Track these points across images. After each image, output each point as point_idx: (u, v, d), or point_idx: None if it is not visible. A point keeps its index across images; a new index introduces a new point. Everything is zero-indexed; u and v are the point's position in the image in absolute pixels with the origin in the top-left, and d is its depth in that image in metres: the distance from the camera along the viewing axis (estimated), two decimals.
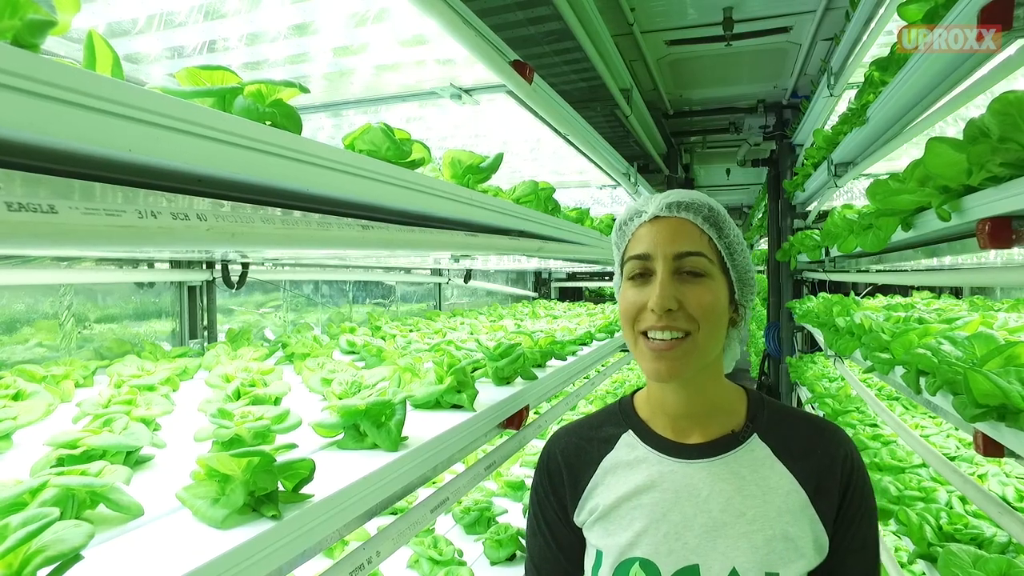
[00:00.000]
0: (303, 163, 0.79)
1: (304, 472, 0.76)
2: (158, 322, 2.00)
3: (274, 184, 0.78)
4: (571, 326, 2.66)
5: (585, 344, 2.37)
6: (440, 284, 3.99)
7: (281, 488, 0.75)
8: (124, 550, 0.62)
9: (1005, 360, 1.19)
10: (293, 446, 0.84)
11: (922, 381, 1.43)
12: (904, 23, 1.49)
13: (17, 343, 1.58)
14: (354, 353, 1.95)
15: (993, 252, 1.80)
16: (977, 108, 1.46)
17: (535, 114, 1.80)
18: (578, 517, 0.88)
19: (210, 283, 2.11)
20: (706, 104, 4.92)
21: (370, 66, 1.47)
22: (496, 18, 2.21)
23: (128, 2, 1.10)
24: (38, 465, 0.78)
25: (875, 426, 2.64)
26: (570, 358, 2.07)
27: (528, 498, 0.97)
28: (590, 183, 3.38)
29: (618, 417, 0.93)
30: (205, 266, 2.07)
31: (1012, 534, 1.36)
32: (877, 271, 2.90)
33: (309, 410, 1.12)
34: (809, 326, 3.45)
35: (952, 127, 1.93)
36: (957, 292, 4.62)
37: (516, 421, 1.42)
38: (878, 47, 2.12)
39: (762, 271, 6.09)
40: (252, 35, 1.27)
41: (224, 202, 0.75)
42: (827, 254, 3.07)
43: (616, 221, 0.90)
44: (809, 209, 4.29)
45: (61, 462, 0.77)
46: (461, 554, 2.02)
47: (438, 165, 1.47)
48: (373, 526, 1.06)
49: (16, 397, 1.08)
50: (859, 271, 2.97)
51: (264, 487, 0.71)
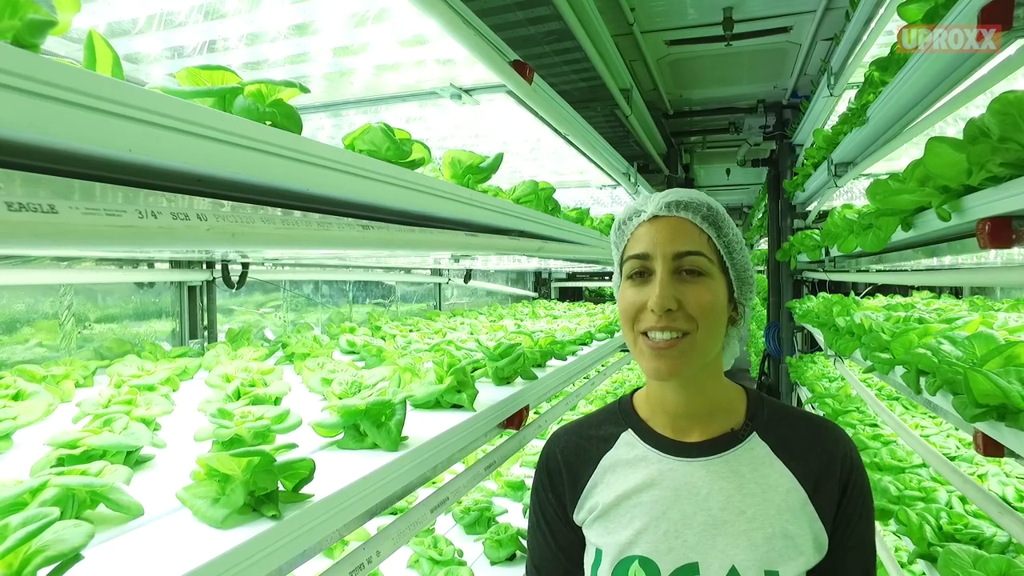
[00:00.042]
0: (303, 163, 0.79)
1: (304, 472, 0.76)
2: (158, 322, 2.00)
3: (274, 184, 0.78)
4: (571, 326, 2.66)
5: (585, 344, 2.37)
6: (440, 284, 3.99)
7: (281, 488, 0.75)
8: (124, 550, 0.62)
9: (1005, 360, 1.19)
10: (293, 446, 0.84)
11: (922, 381, 1.43)
12: (904, 23, 1.49)
13: (17, 343, 1.58)
14: (354, 353, 1.95)
15: (993, 252, 1.80)
16: (977, 108, 1.46)
17: (535, 114, 1.80)
18: (578, 516, 0.88)
19: (210, 283, 2.11)
20: (706, 104, 4.92)
21: (370, 66, 1.47)
22: (496, 18, 2.21)
23: (128, 2, 1.10)
24: (38, 465, 0.78)
25: (875, 426, 2.64)
26: (570, 358, 2.07)
27: (528, 498, 0.97)
28: (590, 183, 3.38)
29: (618, 416, 0.93)
30: (205, 266, 2.07)
31: (1012, 534, 1.36)
32: (877, 271, 2.90)
33: (309, 410, 1.12)
34: (809, 326, 3.45)
35: (952, 127, 1.93)
36: (957, 292, 4.61)
37: (516, 421, 1.42)
38: (878, 47, 2.12)
39: (762, 271, 6.09)
40: (252, 35, 1.27)
41: (224, 202, 0.75)
42: (827, 254, 3.07)
43: (615, 220, 0.90)
44: (809, 209, 4.29)
45: (61, 462, 0.77)
46: (461, 554, 2.02)
47: (438, 165, 1.48)
48: (373, 526, 1.06)
49: (16, 397, 1.08)
50: (859, 271, 2.97)
51: (264, 487, 0.71)
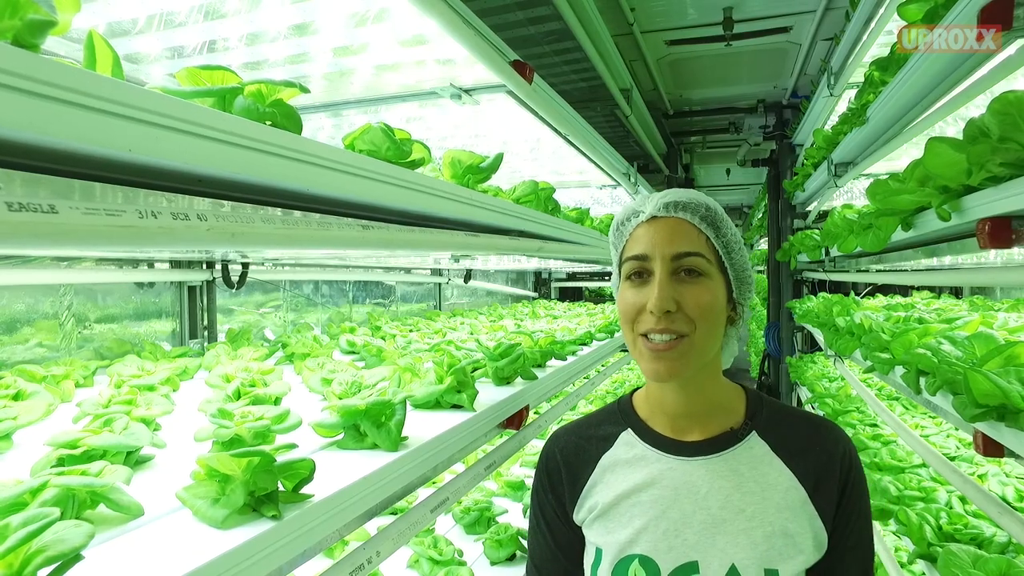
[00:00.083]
0: (303, 163, 0.79)
1: (304, 472, 0.76)
2: (158, 322, 2.00)
3: (274, 184, 0.78)
4: (571, 326, 2.66)
5: (585, 344, 2.37)
6: (440, 284, 3.99)
7: (281, 488, 0.75)
8: (124, 550, 0.62)
9: (1005, 360, 1.19)
10: (293, 446, 0.84)
11: (922, 381, 1.43)
12: (904, 23, 1.49)
13: (17, 343, 1.58)
14: (354, 353, 1.95)
15: (993, 252, 1.80)
16: (977, 108, 1.46)
17: (535, 114, 1.80)
18: (577, 515, 0.89)
19: (210, 283, 2.11)
20: (706, 104, 4.92)
21: (370, 66, 1.47)
22: (496, 18, 2.21)
23: (128, 2, 1.10)
24: (38, 465, 0.78)
25: (875, 426, 2.64)
26: (570, 358, 2.07)
27: (528, 498, 0.97)
28: (590, 183, 3.38)
29: (617, 416, 0.93)
30: (205, 266, 2.07)
31: (1012, 534, 1.36)
32: (877, 271, 2.90)
33: (309, 410, 1.12)
34: (809, 326, 3.45)
35: (952, 127, 1.93)
36: (957, 292, 4.61)
37: (516, 421, 1.42)
38: (878, 47, 2.12)
39: (762, 271, 6.09)
40: (252, 35, 1.27)
41: (224, 202, 0.75)
42: (827, 254, 3.07)
43: (614, 221, 0.90)
44: (809, 209, 4.29)
45: (61, 462, 0.77)
46: (461, 554, 2.02)
47: (438, 165, 1.48)
48: (373, 526, 1.06)
49: (16, 397, 1.08)
50: (859, 271, 2.97)
51: (264, 487, 0.71)
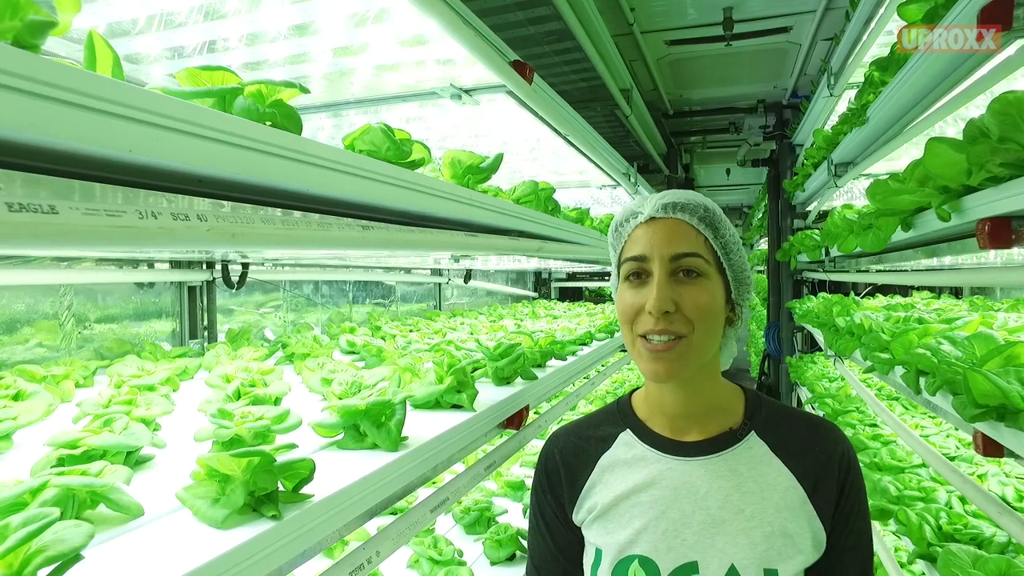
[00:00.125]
0: (303, 163, 0.79)
1: (304, 472, 0.76)
2: (158, 322, 2.00)
3: (274, 184, 0.78)
4: (571, 326, 2.66)
5: (585, 344, 2.37)
6: (440, 284, 3.99)
7: (281, 488, 0.75)
8: (124, 550, 0.62)
9: (1005, 360, 1.19)
10: (293, 446, 0.84)
11: (922, 381, 1.43)
12: (904, 23, 1.49)
13: (17, 343, 1.58)
14: (354, 353, 1.95)
15: (993, 252, 1.80)
16: (977, 108, 1.46)
17: (535, 114, 1.80)
18: (577, 516, 0.89)
19: (210, 283, 2.11)
20: (706, 104, 4.92)
21: (370, 66, 1.47)
22: (496, 18, 2.21)
23: (128, 2, 1.10)
24: (38, 465, 0.78)
25: (875, 426, 2.64)
26: (570, 358, 2.07)
27: (528, 498, 0.97)
28: (590, 183, 3.38)
29: (616, 417, 0.93)
30: (205, 266, 2.07)
31: (1012, 534, 1.36)
32: (877, 271, 2.90)
33: (309, 410, 1.12)
34: (809, 326, 3.45)
35: (952, 127, 1.93)
36: (957, 292, 4.62)
37: (516, 421, 1.42)
38: (878, 47, 2.12)
39: (762, 271, 6.10)
40: (252, 35, 1.27)
41: (224, 202, 0.75)
42: (827, 254, 3.07)
43: (612, 222, 0.90)
44: (809, 209, 4.29)
45: (61, 462, 0.77)
46: (461, 554, 2.02)
47: (438, 165, 1.48)
48: (373, 526, 1.07)
49: (16, 397, 1.08)
50: (859, 271, 2.97)
51: (264, 487, 0.71)
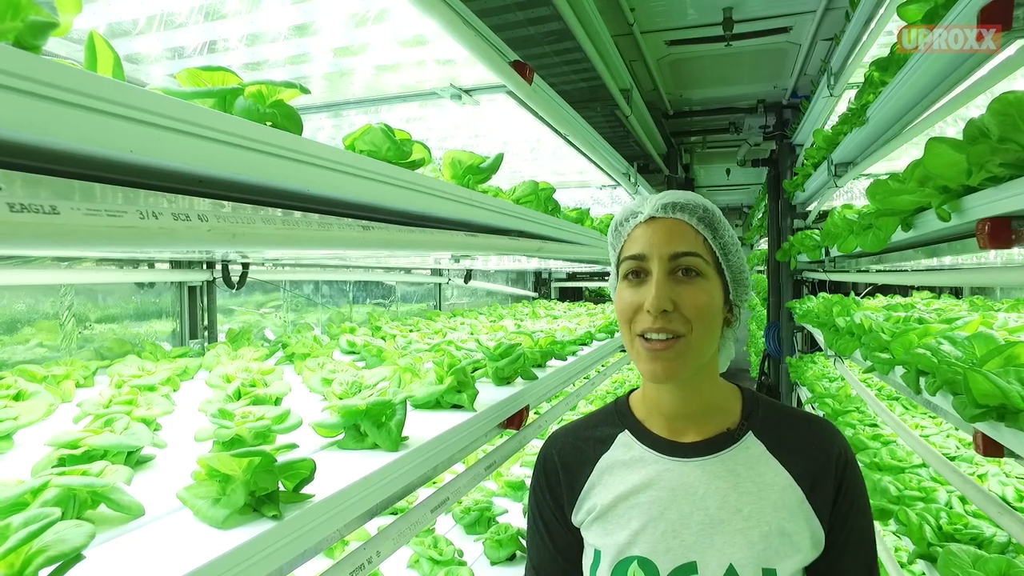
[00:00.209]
0: (304, 164, 0.79)
1: (305, 472, 0.76)
2: (158, 322, 2.00)
3: (275, 185, 0.78)
4: (571, 326, 2.66)
5: (585, 344, 2.38)
6: (440, 284, 3.99)
7: (282, 488, 0.75)
8: (125, 550, 0.62)
9: (1005, 360, 1.19)
10: (294, 446, 0.84)
11: (922, 381, 1.43)
12: (904, 23, 1.49)
13: (18, 343, 1.58)
14: (354, 353, 1.95)
15: (993, 252, 1.80)
16: (977, 108, 1.46)
17: (535, 114, 1.80)
18: (576, 517, 0.89)
19: (210, 283, 2.11)
20: (706, 104, 4.92)
21: (370, 66, 1.47)
22: (496, 18, 2.21)
23: (128, 3, 1.10)
24: (39, 465, 0.78)
25: (875, 426, 2.64)
26: (570, 358, 2.07)
27: (527, 498, 0.98)
28: (590, 183, 3.38)
29: (614, 417, 0.93)
30: (205, 266, 2.07)
31: (1012, 534, 1.36)
32: (877, 271, 2.90)
33: (309, 410, 1.12)
34: (809, 326, 3.45)
35: (952, 127, 1.93)
36: (957, 292, 4.61)
37: (516, 421, 1.42)
38: (878, 47, 2.12)
39: (762, 271, 6.09)
40: (252, 36, 1.27)
41: (225, 203, 0.75)
42: (827, 254, 3.07)
43: (612, 222, 0.91)
44: (809, 209, 4.29)
45: (62, 462, 0.77)
46: (461, 554, 2.02)
47: (438, 165, 1.48)
48: (373, 526, 1.06)
49: (17, 397, 1.08)
50: (859, 271, 2.97)
51: (265, 487, 0.71)
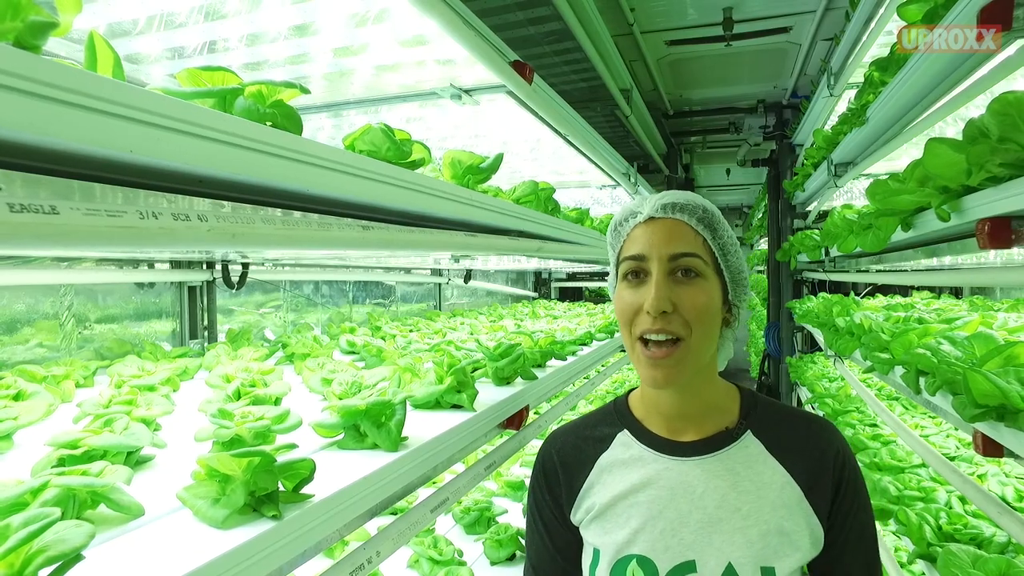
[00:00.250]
0: (303, 164, 0.79)
1: (304, 472, 0.76)
2: (158, 322, 2.00)
3: (274, 185, 0.78)
4: (571, 326, 2.66)
5: (585, 344, 2.38)
6: (440, 284, 3.99)
7: (281, 488, 0.75)
8: (125, 550, 0.62)
9: (1004, 360, 1.19)
10: (293, 446, 0.84)
11: (922, 381, 1.43)
12: (904, 23, 1.49)
13: (18, 343, 1.58)
14: (354, 353, 1.95)
15: (993, 252, 1.80)
16: (977, 108, 1.46)
17: (535, 114, 1.80)
18: (575, 516, 0.89)
19: (210, 283, 2.11)
20: (706, 104, 4.92)
21: (370, 66, 1.47)
22: (496, 18, 2.21)
23: (128, 3, 1.10)
24: (39, 465, 0.78)
25: (875, 426, 2.64)
26: (570, 358, 2.07)
27: (527, 498, 0.98)
28: (590, 183, 3.38)
29: (613, 417, 0.94)
30: (205, 266, 2.07)
31: (1011, 534, 1.36)
32: (877, 271, 2.90)
33: (309, 410, 1.12)
34: (809, 326, 3.45)
35: (952, 127, 1.93)
36: (957, 292, 4.61)
37: (516, 421, 1.42)
38: (878, 47, 2.12)
39: (762, 271, 6.09)
40: (252, 36, 1.27)
41: (225, 203, 0.75)
42: (827, 254, 3.07)
43: (611, 222, 0.91)
44: (809, 209, 4.29)
45: (62, 462, 0.77)
46: (461, 554, 2.02)
47: (438, 165, 1.48)
48: (373, 526, 1.06)
49: (17, 397, 1.08)
50: (859, 271, 2.97)
51: (264, 487, 0.71)
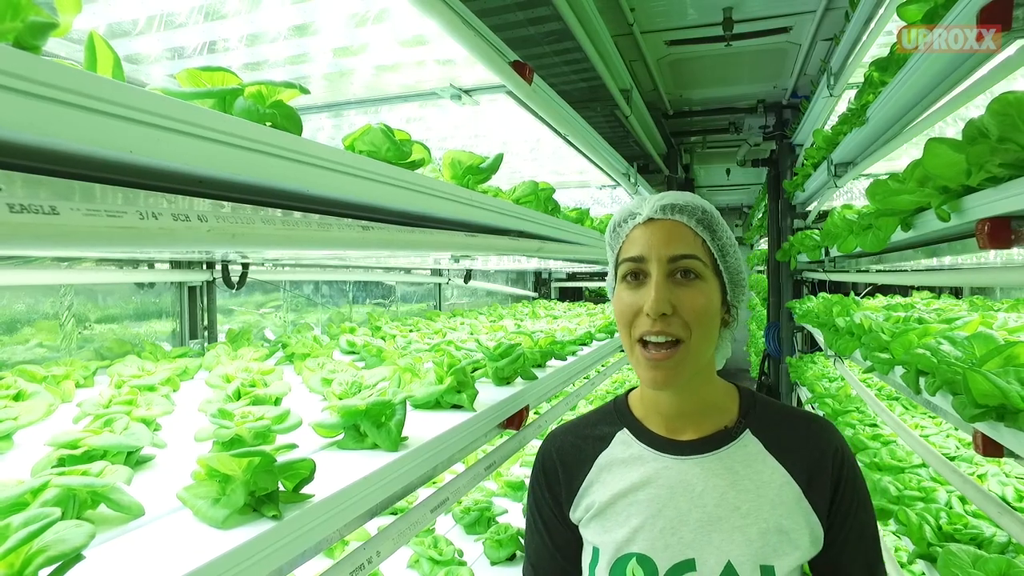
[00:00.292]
0: (303, 164, 0.79)
1: (304, 472, 0.76)
2: (158, 322, 2.00)
3: (274, 185, 0.78)
4: (571, 326, 2.66)
5: (585, 344, 2.38)
6: (440, 284, 3.99)
7: (281, 488, 0.75)
8: (125, 550, 0.62)
9: (1004, 360, 1.19)
10: (293, 446, 0.84)
11: (922, 381, 1.43)
12: (904, 23, 1.49)
13: (18, 343, 1.58)
14: (354, 353, 1.95)
15: (993, 252, 1.80)
16: (977, 108, 1.46)
17: (535, 114, 1.80)
18: (574, 514, 0.89)
19: (210, 283, 2.11)
20: (706, 104, 4.91)
21: (370, 67, 1.47)
22: (496, 18, 2.21)
23: (129, 3, 1.10)
24: (39, 465, 0.78)
25: (875, 426, 2.64)
26: (570, 358, 2.07)
27: (526, 497, 0.98)
28: (590, 183, 3.38)
29: (613, 416, 0.94)
30: (205, 266, 2.07)
31: (1011, 534, 1.36)
32: (877, 271, 2.90)
33: (309, 410, 1.12)
34: (809, 326, 3.45)
35: (952, 127, 1.93)
36: (957, 292, 4.61)
37: (516, 421, 1.42)
38: (878, 47, 2.12)
39: (762, 271, 6.09)
40: (252, 36, 1.27)
41: (224, 203, 0.75)
42: (827, 254, 3.07)
43: (610, 223, 0.91)
44: (809, 209, 4.29)
45: (62, 462, 0.77)
46: (461, 554, 2.02)
47: (438, 166, 1.48)
48: (373, 526, 1.06)
49: (17, 397, 1.08)
50: (859, 271, 2.97)
51: (265, 487, 0.71)
